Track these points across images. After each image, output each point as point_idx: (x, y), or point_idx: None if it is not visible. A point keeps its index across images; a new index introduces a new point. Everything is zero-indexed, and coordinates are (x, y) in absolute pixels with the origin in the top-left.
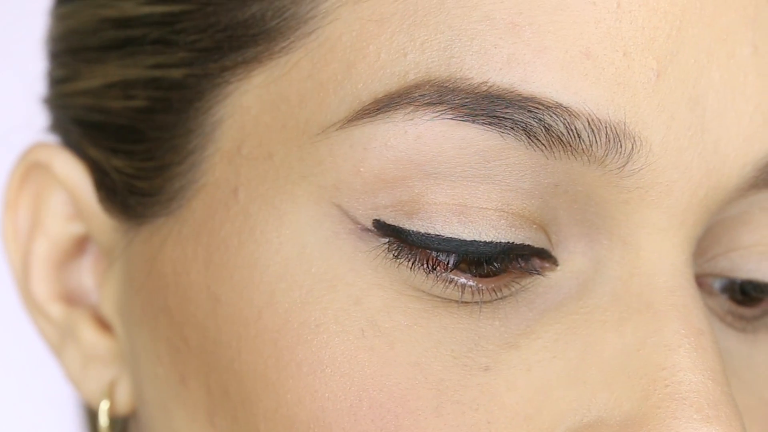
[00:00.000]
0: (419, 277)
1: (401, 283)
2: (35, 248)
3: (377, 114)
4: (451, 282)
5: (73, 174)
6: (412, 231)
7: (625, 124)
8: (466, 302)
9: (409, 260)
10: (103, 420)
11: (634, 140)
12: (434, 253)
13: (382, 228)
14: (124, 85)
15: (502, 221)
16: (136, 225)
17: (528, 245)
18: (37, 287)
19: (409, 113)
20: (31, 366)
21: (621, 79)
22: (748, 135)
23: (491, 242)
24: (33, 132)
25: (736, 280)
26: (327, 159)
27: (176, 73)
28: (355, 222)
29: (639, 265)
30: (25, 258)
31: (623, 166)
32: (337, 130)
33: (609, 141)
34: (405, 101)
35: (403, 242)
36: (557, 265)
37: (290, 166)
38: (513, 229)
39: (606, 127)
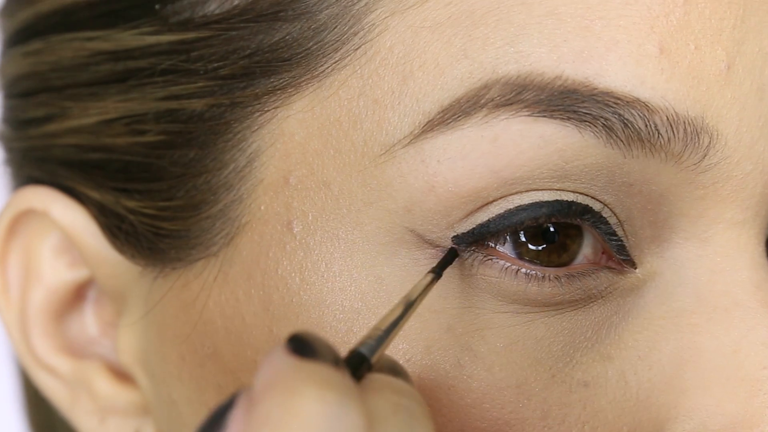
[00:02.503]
0: (509, 282)
1: (492, 300)
2: (31, 299)
3: (448, 123)
4: (543, 279)
5: (75, 219)
6: (492, 219)
7: (703, 119)
8: (558, 308)
9: (496, 266)
10: None
11: (711, 134)
12: (513, 247)
13: (463, 240)
14: (130, 120)
15: (580, 195)
16: (169, 269)
17: (606, 218)
18: (38, 342)
19: (484, 117)
20: None
21: (695, 73)
22: None
23: (574, 201)
24: None
25: None
26: (396, 180)
27: (197, 104)
28: (434, 245)
29: (718, 262)
30: (22, 312)
31: (700, 161)
32: (403, 147)
33: (687, 136)
34: (477, 105)
35: (486, 247)
36: (635, 268)
37: (352, 193)
38: (590, 201)
39: (684, 122)
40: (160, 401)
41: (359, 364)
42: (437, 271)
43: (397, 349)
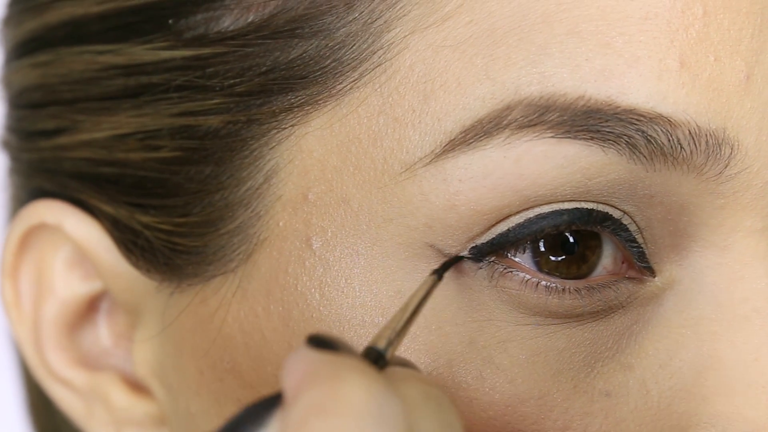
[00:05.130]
0: (529, 294)
1: (513, 312)
2: (44, 313)
3: (470, 143)
4: (563, 291)
5: (89, 233)
6: (511, 228)
7: (724, 131)
8: (579, 319)
9: (516, 279)
10: None
11: (732, 145)
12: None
13: (482, 251)
14: (144, 136)
15: (600, 204)
16: (185, 285)
17: (625, 225)
18: (53, 355)
19: (506, 138)
20: None
21: (715, 85)
22: None
23: (594, 209)
24: None
25: None
26: (416, 197)
27: (213, 121)
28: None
29: (737, 269)
30: (35, 326)
31: (721, 172)
32: (424, 165)
33: (709, 148)
34: (499, 125)
35: (506, 257)
36: (654, 276)
37: (371, 209)
38: (610, 210)
39: (706, 135)
40: (177, 414)
41: (375, 361)
42: (439, 274)
43: (419, 363)
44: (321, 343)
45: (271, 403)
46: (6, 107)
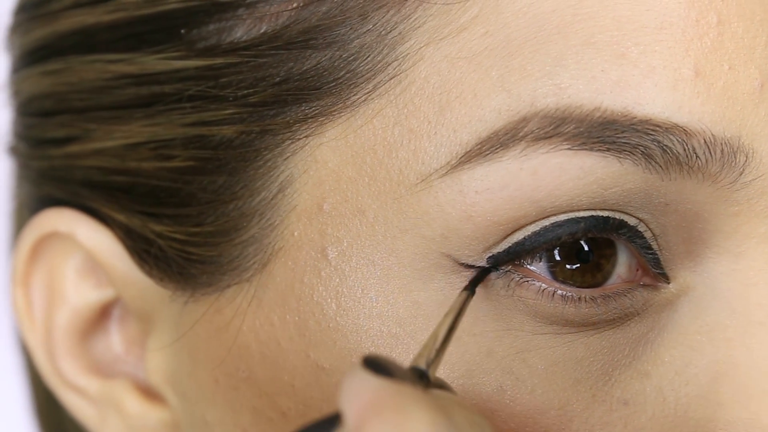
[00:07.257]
0: (546, 303)
1: (531, 322)
2: (57, 321)
3: (486, 154)
4: (579, 300)
5: (101, 242)
6: (527, 236)
7: (739, 139)
8: (596, 327)
9: (532, 288)
10: None
11: (747, 153)
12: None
13: (498, 259)
14: (156, 145)
15: (615, 212)
16: (200, 295)
17: (641, 232)
18: (65, 363)
19: (522, 150)
20: None
21: (729, 94)
22: None
23: (610, 216)
24: None
25: None
26: (432, 208)
27: (227, 131)
28: (469, 267)
29: (752, 275)
30: (47, 334)
31: (736, 180)
32: (440, 177)
33: (724, 157)
34: (515, 138)
35: (521, 266)
36: (669, 283)
37: (387, 220)
38: (626, 217)
39: (721, 143)
40: (192, 422)
41: (419, 381)
42: (471, 289)
43: (438, 374)
44: (378, 367)
45: (330, 424)
46: (14, 114)
